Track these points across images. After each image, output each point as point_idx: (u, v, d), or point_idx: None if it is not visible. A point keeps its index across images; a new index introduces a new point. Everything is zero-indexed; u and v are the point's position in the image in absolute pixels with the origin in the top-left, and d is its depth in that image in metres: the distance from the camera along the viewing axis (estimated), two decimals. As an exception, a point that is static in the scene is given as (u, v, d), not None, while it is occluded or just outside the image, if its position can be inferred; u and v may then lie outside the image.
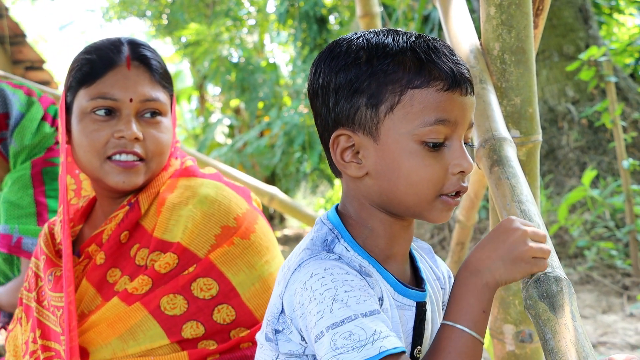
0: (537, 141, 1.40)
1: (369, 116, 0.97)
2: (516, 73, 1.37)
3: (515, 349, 1.49)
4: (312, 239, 1.02)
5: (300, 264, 0.96)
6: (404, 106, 0.95)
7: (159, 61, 1.47)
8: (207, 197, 1.42)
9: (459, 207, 2.99)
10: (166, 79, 1.48)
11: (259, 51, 12.79)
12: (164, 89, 1.46)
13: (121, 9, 14.34)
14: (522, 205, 1.08)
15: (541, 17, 1.48)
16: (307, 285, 0.92)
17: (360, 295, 0.90)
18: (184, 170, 1.51)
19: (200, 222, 1.39)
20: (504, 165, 1.17)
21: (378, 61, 0.97)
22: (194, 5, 13.13)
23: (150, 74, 1.43)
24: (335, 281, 0.90)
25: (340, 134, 1.00)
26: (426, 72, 0.95)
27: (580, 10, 6.69)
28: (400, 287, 1.01)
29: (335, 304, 0.88)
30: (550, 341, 0.88)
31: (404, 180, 0.97)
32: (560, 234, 5.56)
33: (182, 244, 1.37)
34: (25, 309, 1.53)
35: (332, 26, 10.76)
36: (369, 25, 3.20)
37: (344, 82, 0.98)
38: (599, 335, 3.87)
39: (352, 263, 0.96)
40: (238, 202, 1.45)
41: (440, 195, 0.98)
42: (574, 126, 6.52)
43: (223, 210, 1.42)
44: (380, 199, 1.00)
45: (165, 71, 1.49)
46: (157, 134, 1.43)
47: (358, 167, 0.99)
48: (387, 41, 0.98)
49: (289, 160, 10.69)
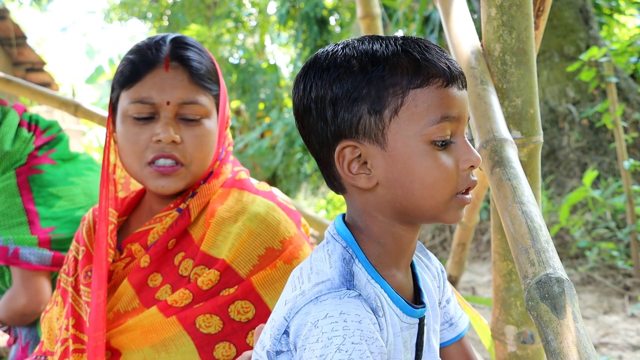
0: (539, 142, 1.40)
1: (373, 123, 0.95)
2: (517, 74, 1.37)
3: (517, 350, 1.49)
4: (329, 260, 0.99)
5: (318, 297, 0.92)
6: (409, 107, 0.94)
7: (201, 61, 1.43)
8: (257, 215, 1.40)
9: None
10: (210, 80, 1.44)
11: (259, 52, 12.79)
12: (205, 91, 1.42)
13: (122, 11, 14.35)
14: (524, 207, 1.08)
15: (542, 18, 1.48)
16: (319, 324, 0.89)
17: (366, 350, 0.88)
18: (237, 182, 1.49)
19: (246, 240, 1.37)
20: (506, 166, 1.17)
21: (372, 67, 0.95)
22: (194, 7, 13.14)
23: (190, 75, 1.40)
24: (346, 329, 0.88)
25: (345, 146, 0.96)
26: (424, 70, 0.94)
27: (581, 11, 6.69)
28: (408, 309, 1.01)
29: (338, 353, 0.87)
30: (552, 342, 0.88)
31: (419, 184, 0.95)
32: (561, 234, 5.55)
33: (227, 261, 1.35)
34: (62, 292, 1.52)
35: (333, 27, 10.76)
36: (370, 26, 3.21)
37: (341, 93, 0.95)
38: (601, 336, 3.87)
39: (370, 300, 0.93)
40: (287, 225, 1.42)
41: (456, 194, 0.97)
42: (575, 127, 6.52)
43: (271, 231, 1.39)
44: (393, 209, 0.98)
45: (209, 71, 1.44)
46: (197, 137, 1.40)
47: (368, 177, 0.97)
48: (376, 47, 0.96)
49: (289, 161, 10.69)
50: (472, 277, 5.64)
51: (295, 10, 10.47)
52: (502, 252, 1.49)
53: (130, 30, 44.62)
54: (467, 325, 1.23)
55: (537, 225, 1.04)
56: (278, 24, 10.78)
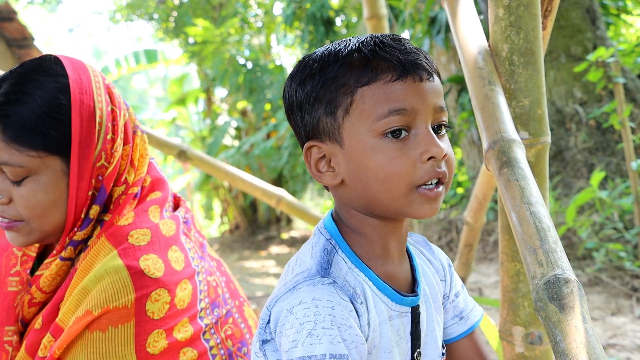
0: (546, 142, 1.40)
1: (329, 123, 0.98)
2: (525, 74, 1.37)
3: (525, 351, 1.49)
4: (311, 252, 1.02)
5: (295, 286, 0.96)
6: (357, 105, 0.96)
7: (21, 112, 1.23)
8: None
9: (467, 209, 2.99)
10: (33, 132, 1.23)
11: (265, 53, 12.80)
12: (21, 148, 1.24)
13: (128, 12, 14.39)
14: (532, 207, 1.08)
15: (549, 18, 1.48)
16: (293, 311, 0.93)
17: (337, 335, 0.91)
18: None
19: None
20: (513, 166, 1.17)
21: (329, 68, 0.98)
22: (201, 7, 13.17)
23: (2, 131, 1.23)
24: (317, 314, 0.91)
25: (311, 146, 1.01)
26: (371, 67, 0.96)
27: (588, 11, 6.67)
28: (397, 296, 1.02)
29: (309, 338, 0.90)
30: (561, 343, 0.88)
31: (373, 178, 0.96)
32: (568, 235, 5.54)
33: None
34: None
35: (339, 28, 10.76)
36: (376, 27, 3.21)
37: (303, 97, 1.00)
38: (608, 337, 3.85)
39: (346, 288, 0.96)
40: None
41: (418, 187, 0.96)
42: (582, 127, 6.50)
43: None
44: (360, 204, 1.01)
45: (34, 121, 1.23)
46: (23, 197, 1.26)
47: (332, 175, 1.01)
48: (339, 47, 0.99)
49: (296, 162, 10.70)
50: (478, 278, 5.64)
51: (301, 11, 10.47)
52: (509, 252, 1.48)
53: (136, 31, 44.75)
54: (479, 319, 1.23)
55: (545, 225, 1.04)
56: (284, 25, 10.78)
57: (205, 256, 1.43)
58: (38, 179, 1.25)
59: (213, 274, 1.41)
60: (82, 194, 1.28)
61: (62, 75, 1.26)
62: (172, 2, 13.69)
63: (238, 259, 9.86)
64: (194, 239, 1.42)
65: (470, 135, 7.76)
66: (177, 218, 1.38)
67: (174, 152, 3.20)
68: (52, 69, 1.27)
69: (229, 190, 12.83)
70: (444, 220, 7.36)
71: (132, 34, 43.29)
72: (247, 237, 12.54)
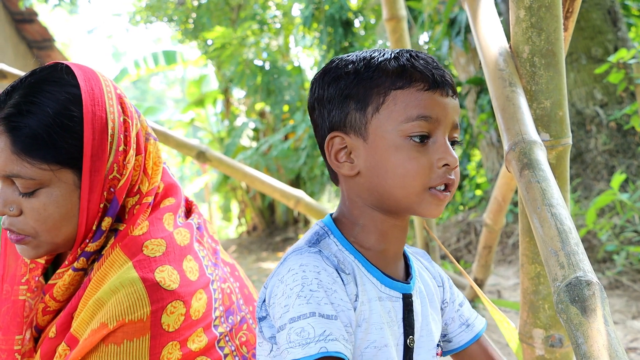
0: (567, 144, 1.39)
1: (358, 118, 1.06)
2: (546, 76, 1.36)
3: (545, 353, 1.48)
4: (305, 236, 1.11)
5: (285, 259, 1.03)
6: (388, 106, 1.05)
7: (31, 123, 1.21)
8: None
9: (486, 211, 2.97)
10: (41, 145, 1.22)
11: (283, 55, 12.83)
12: (30, 160, 1.22)
13: (147, 14, 14.48)
14: (553, 209, 1.07)
15: (571, 19, 1.47)
16: (283, 279, 0.99)
17: (324, 297, 0.96)
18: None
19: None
20: (534, 168, 1.17)
21: (365, 70, 1.07)
22: (219, 9, 13.22)
23: (11, 143, 1.22)
24: (305, 278, 0.97)
25: (334, 136, 1.09)
26: (407, 75, 1.05)
27: (609, 12, 6.61)
28: (386, 279, 1.09)
29: (297, 299, 0.95)
30: (583, 345, 0.88)
31: (391, 173, 1.04)
32: (588, 238, 5.49)
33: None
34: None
35: (358, 30, 10.76)
36: (395, 28, 3.20)
37: (335, 92, 1.08)
38: (629, 340, 3.81)
39: (332, 258, 1.03)
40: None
41: (429, 188, 1.05)
42: (603, 129, 6.44)
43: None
44: (371, 196, 1.08)
45: (41, 133, 1.21)
46: (34, 210, 1.25)
47: (351, 166, 1.08)
48: (374, 55, 1.09)
49: (313, 163, 10.70)
50: (497, 280, 5.61)
51: (320, 13, 10.48)
52: (530, 254, 1.48)
53: (155, 33, 44.99)
54: (483, 326, 1.30)
55: (566, 227, 1.03)
56: (302, 26, 10.79)
57: (219, 262, 1.42)
58: (50, 191, 1.23)
59: (227, 281, 1.40)
60: (94, 206, 1.26)
61: (74, 86, 1.24)
62: (191, 4, 13.76)
63: (255, 261, 9.88)
64: (207, 245, 1.41)
65: (489, 137, 7.72)
66: (190, 226, 1.37)
67: (193, 153, 3.22)
68: (63, 79, 1.25)
69: (246, 191, 12.87)
70: (463, 222, 7.34)
71: (151, 36, 43.63)
72: (265, 239, 12.56)
